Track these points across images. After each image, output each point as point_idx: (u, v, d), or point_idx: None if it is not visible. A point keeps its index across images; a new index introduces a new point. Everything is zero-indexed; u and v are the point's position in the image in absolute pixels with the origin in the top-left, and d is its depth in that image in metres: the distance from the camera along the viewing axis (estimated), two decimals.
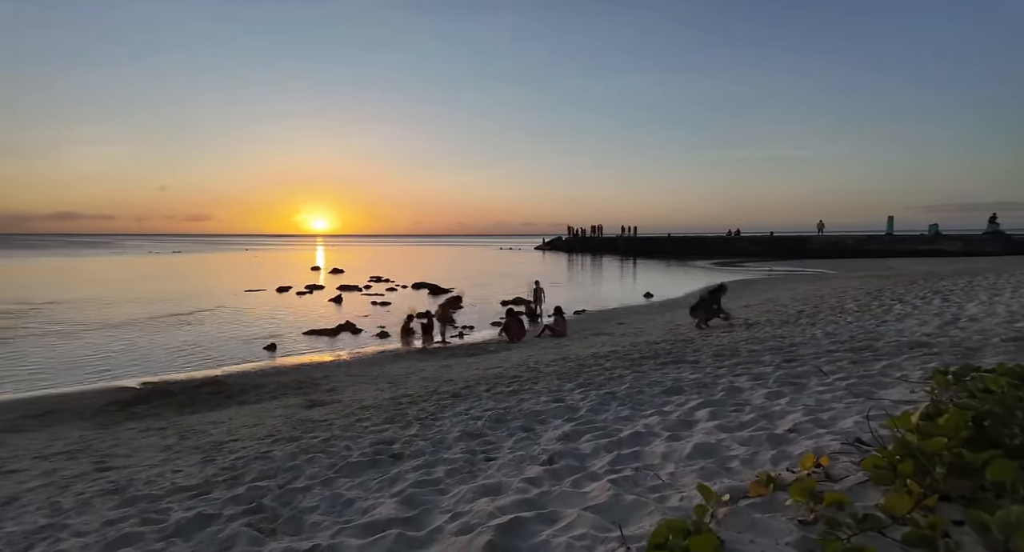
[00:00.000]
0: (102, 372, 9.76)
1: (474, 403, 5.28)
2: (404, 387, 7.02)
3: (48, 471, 4.44)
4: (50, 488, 3.92)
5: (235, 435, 5.11)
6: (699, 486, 1.67)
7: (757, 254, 44.85)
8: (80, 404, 7.51)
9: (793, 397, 3.87)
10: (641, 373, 5.75)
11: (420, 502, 2.71)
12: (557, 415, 4.28)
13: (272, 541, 2.50)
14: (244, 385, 8.33)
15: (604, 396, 4.73)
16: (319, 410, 6.09)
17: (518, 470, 3.03)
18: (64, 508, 3.39)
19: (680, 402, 4.19)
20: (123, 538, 2.72)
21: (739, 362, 5.69)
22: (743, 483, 1.99)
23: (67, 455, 4.98)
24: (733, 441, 2.96)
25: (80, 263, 45.89)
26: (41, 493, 3.81)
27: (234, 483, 3.51)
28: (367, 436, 4.42)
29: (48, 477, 4.24)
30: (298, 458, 3.94)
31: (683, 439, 3.16)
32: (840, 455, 1.98)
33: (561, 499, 2.42)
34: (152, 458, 4.55)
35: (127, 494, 3.52)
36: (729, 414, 3.63)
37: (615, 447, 3.19)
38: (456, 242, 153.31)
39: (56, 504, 3.48)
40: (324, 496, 3.05)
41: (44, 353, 11.25)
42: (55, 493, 3.76)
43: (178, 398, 7.65)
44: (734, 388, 4.42)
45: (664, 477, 2.53)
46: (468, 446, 3.72)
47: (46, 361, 10.58)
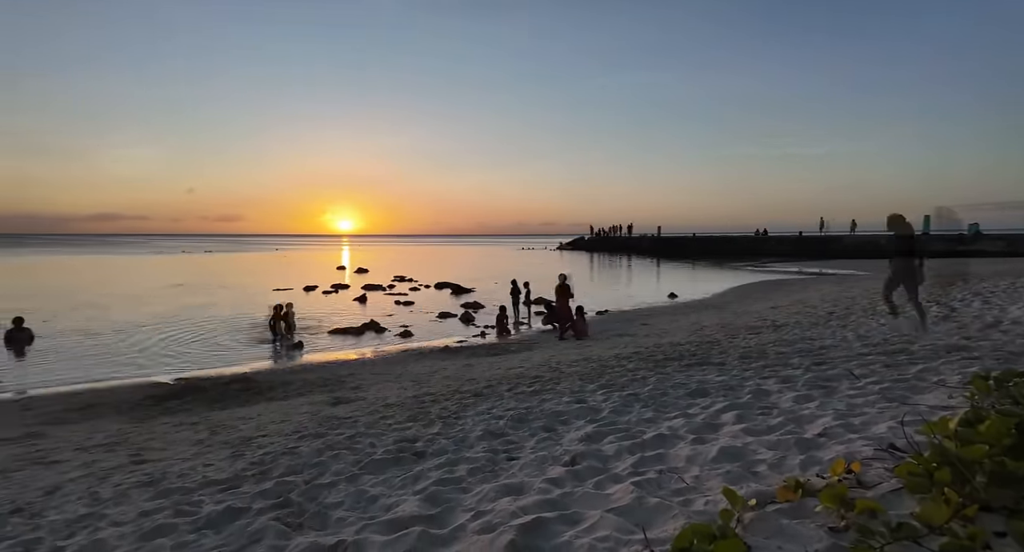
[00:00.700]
0: (138, 368, 10.12)
1: (496, 402, 5.29)
2: (427, 386, 7.09)
3: (88, 462, 4.62)
4: (90, 479, 4.07)
5: (263, 431, 5.23)
6: (725, 490, 1.64)
7: (785, 254, 43.81)
8: (118, 398, 7.79)
9: (823, 401, 3.77)
10: (665, 375, 5.67)
11: (443, 500, 2.73)
12: (579, 416, 4.26)
13: (299, 535, 2.55)
14: (272, 382, 8.53)
15: (627, 397, 4.68)
16: (344, 407, 6.19)
17: (540, 470, 3.02)
18: (103, 498, 3.52)
19: (705, 404, 4.12)
20: (158, 529, 2.81)
21: (766, 364, 5.57)
22: (770, 488, 1.95)
23: (106, 447, 5.18)
24: (760, 445, 2.90)
25: (118, 262, 47.64)
26: (81, 483, 3.96)
27: (262, 478, 3.59)
28: (391, 434, 4.47)
29: (88, 468, 4.42)
30: (324, 454, 4.01)
31: (708, 442, 3.11)
32: (872, 461, 1.92)
33: (584, 500, 2.41)
34: (185, 452, 4.69)
35: (161, 486, 3.63)
36: (756, 417, 3.56)
37: (638, 449, 3.15)
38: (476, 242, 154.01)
39: (95, 494, 3.62)
40: (349, 492, 3.09)
41: (85, 349, 11.71)
42: (94, 484, 3.91)
43: (209, 394, 7.87)
44: (761, 391, 4.32)
45: (689, 480, 2.49)
46: (490, 445, 3.74)
47: (87, 356, 11.02)
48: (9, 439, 5.88)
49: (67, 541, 2.80)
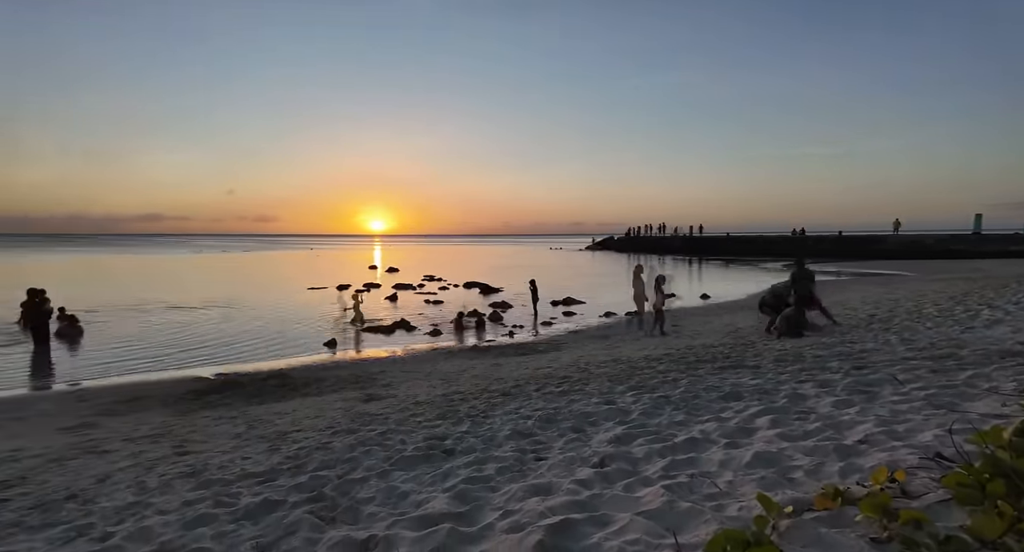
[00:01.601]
0: (182, 363, 10.55)
1: (524, 402, 5.30)
2: (456, 384, 7.15)
3: (135, 453, 4.85)
4: (137, 469, 4.27)
5: (298, 426, 5.38)
6: (759, 496, 1.60)
7: (824, 255, 42.34)
8: (163, 392, 8.14)
9: (864, 406, 3.63)
10: (697, 377, 5.57)
11: (472, 498, 2.75)
12: (608, 417, 4.22)
13: (332, 529, 2.61)
14: (307, 378, 8.75)
15: (657, 400, 4.62)
16: (375, 404, 6.30)
17: (568, 471, 3.01)
18: (149, 487, 3.68)
19: (739, 408, 4.02)
20: (199, 518, 2.93)
21: (803, 368, 5.40)
22: (807, 495, 1.89)
23: (151, 439, 5.42)
24: (796, 451, 2.81)
25: (164, 261, 49.74)
26: (129, 472, 4.16)
27: (297, 472, 3.69)
28: (420, 431, 4.53)
29: (135, 458, 4.63)
30: (356, 450, 4.09)
31: (742, 447, 3.03)
32: (918, 470, 1.84)
33: (613, 502, 2.39)
34: (224, 445, 4.87)
35: (202, 477, 3.78)
36: (792, 422, 3.46)
37: (669, 452, 3.11)
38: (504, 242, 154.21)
39: (142, 483, 3.79)
40: (380, 488, 3.15)
41: (134, 344, 12.28)
42: (141, 473, 4.10)
43: (247, 389, 8.14)
44: (798, 395, 4.19)
45: (721, 485, 2.44)
46: (518, 445, 3.74)
47: (136, 351, 11.55)
48: (66, 428, 6.23)
49: (117, 527, 2.94)
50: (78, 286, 25.04)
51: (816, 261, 38.52)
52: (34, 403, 7.76)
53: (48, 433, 6.05)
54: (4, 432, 6.21)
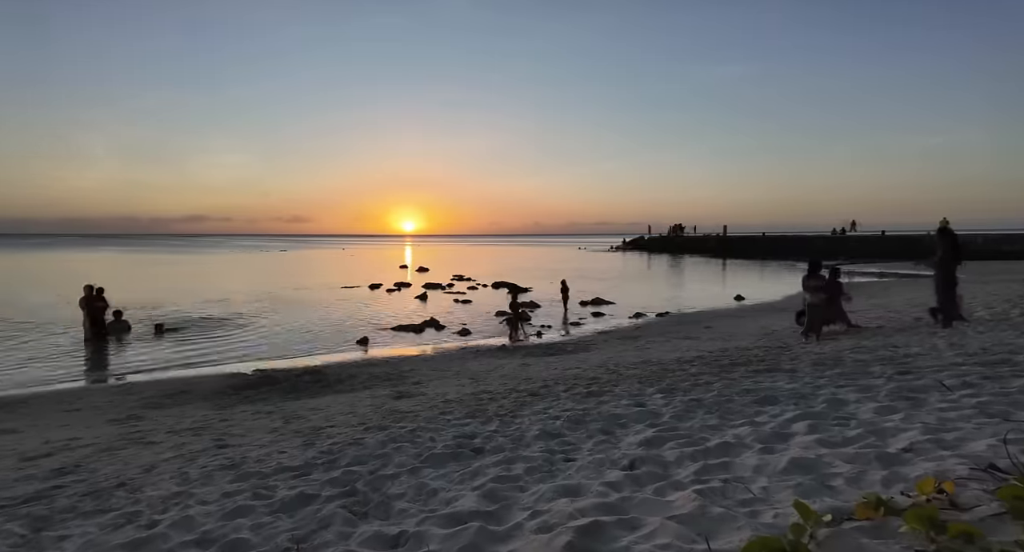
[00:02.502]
0: (221, 359, 10.95)
1: (552, 403, 5.28)
2: (484, 383, 7.19)
3: (179, 444, 5.06)
4: (180, 460, 4.45)
5: (332, 421, 5.51)
6: (796, 503, 1.55)
7: (867, 255, 40.74)
8: (204, 387, 8.47)
9: (909, 413, 3.48)
10: (731, 380, 5.44)
11: (500, 497, 2.76)
12: (638, 420, 4.17)
13: (364, 524, 2.66)
14: (340, 375, 8.95)
15: (689, 403, 4.53)
16: (406, 401, 6.40)
17: (598, 473, 2.99)
18: (191, 478, 3.84)
19: (774, 413, 3.91)
20: (238, 509, 3.03)
21: (843, 372, 5.21)
22: (848, 504, 1.83)
23: (193, 431, 5.64)
24: (836, 458, 2.72)
25: (207, 260, 51.69)
26: (173, 463, 4.34)
27: (331, 466, 3.78)
28: (450, 429, 4.57)
29: (178, 450, 4.83)
30: (387, 446, 4.16)
31: (778, 452, 2.95)
32: (968, 481, 1.75)
33: (643, 506, 2.36)
34: (261, 439, 5.02)
35: (241, 470, 3.91)
36: (831, 428, 3.34)
37: (701, 456, 3.05)
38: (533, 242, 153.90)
39: (185, 474, 3.95)
40: (411, 484, 3.19)
41: (177, 340, 12.81)
42: (184, 464, 4.27)
43: (283, 385, 8.38)
44: (837, 400, 4.05)
45: (756, 491, 2.38)
46: (547, 445, 3.73)
47: (178, 347, 12.05)
48: (116, 420, 6.55)
49: (162, 515, 3.08)
50: (124, 284, 26.25)
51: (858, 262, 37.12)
52: (87, 396, 8.18)
53: (99, 424, 6.38)
54: (60, 422, 6.58)
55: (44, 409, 7.39)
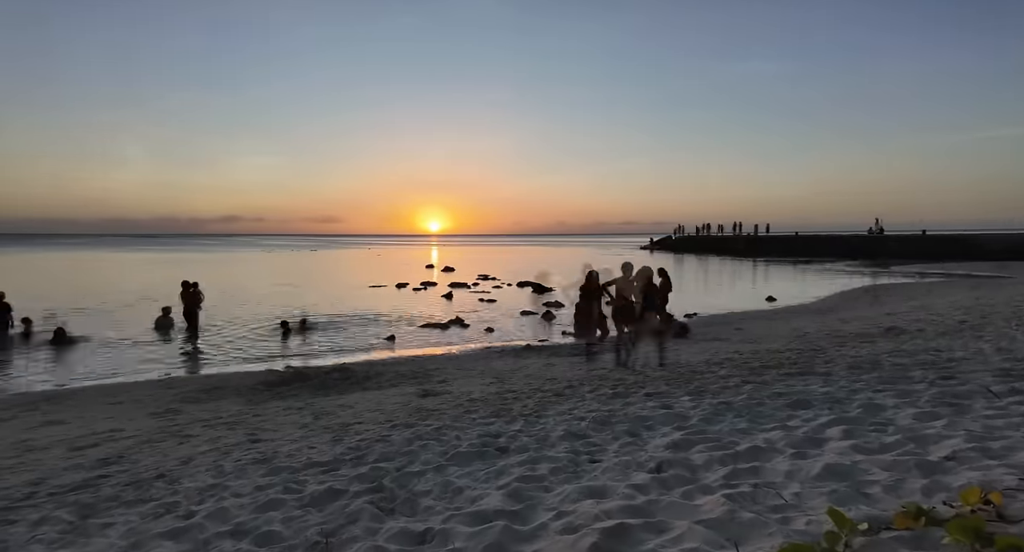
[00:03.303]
0: (254, 356, 11.26)
1: (577, 403, 5.26)
2: (509, 383, 7.20)
3: (214, 438, 5.22)
4: (215, 453, 4.60)
5: (360, 418, 5.60)
6: (830, 510, 1.51)
7: (905, 255, 39.20)
8: (238, 383, 8.72)
9: (952, 420, 3.33)
10: (762, 383, 5.31)
11: (525, 497, 2.77)
12: (665, 422, 4.11)
13: (390, 520, 2.70)
14: (367, 372, 9.10)
15: (718, 406, 4.45)
16: (431, 400, 6.46)
17: (624, 475, 2.96)
18: (225, 471, 3.96)
19: (807, 417, 3.80)
20: (270, 503, 3.11)
21: (881, 377, 5.03)
22: (885, 513, 1.77)
23: (227, 426, 5.82)
24: (873, 464, 2.63)
25: (240, 259, 53.23)
26: (209, 456, 4.49)
27: (359, 462, 3.85)
28: (475, 428, 4.60)
29: (214, 443, 4.99)
30: (413, 444, 4.21)
31: (811, 458, 2.87)
32: (1017, 492, 1.67)
33: (670, 509, 2.33)
34: (292, 434, 5.15)
35: (272, 464, 4.01)
36: (868, 434, 3.23)
37: (730, 460, 2.99)
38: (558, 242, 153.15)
39: (220, 467, 4.08)
40: (436, 482, 3.23)
41: (214, 337, 13.24)
42: (219, 458, 4.41)
43: (313, 382, 8.56)
44: (874, 405, 3.91)
45: (787, 497, 2.32)
46: (572, 446, 3.72)
47: (215, 344, 12.45)
48: (155, 413, 6.81)
49: (199, 506, 3.19)
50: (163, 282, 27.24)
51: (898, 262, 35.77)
52: (129, 389, 8.53)
53: (141, 417, 6.64)
54: (105, 414, 6.88)
55: (90, 401, 7.73)
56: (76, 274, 34.58)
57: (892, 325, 9.32)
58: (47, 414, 7.04)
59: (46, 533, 2.98)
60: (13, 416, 7.01)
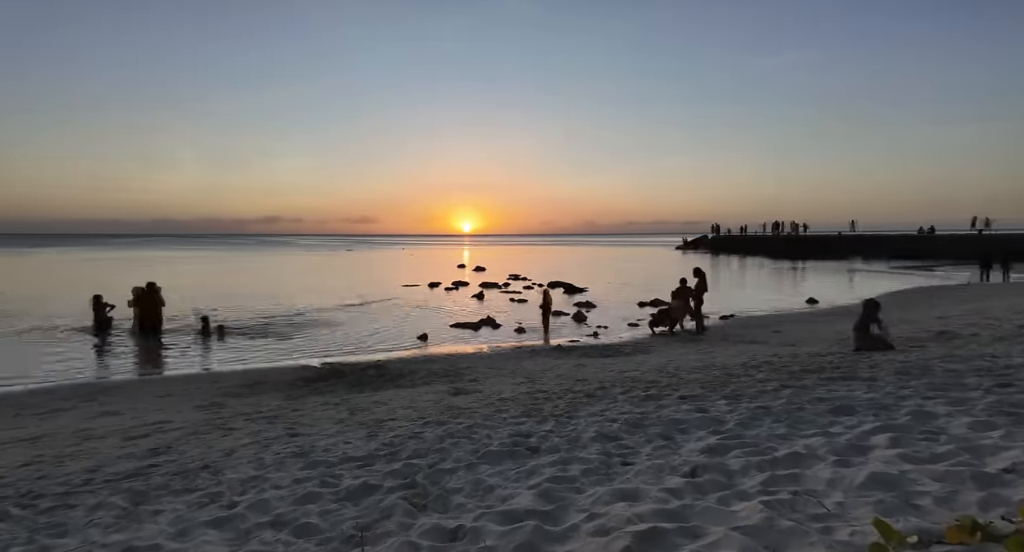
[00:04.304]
0: (292, 353, 11.62)
1: (609, 405, 5.20)
2: (540, 383, 7.19)
3: (255, 432, 5.41)
4: (256, 446, 4.77)
5: (393, 415, 5.70)
6: (876, 521, 1.45)
7: (959, 256, 37.14)
8: (278, 378, 9.02)
9: (1011, 430, 3.14)
10: (802, 388, 5.14)
11: (556, 497, 2.76)
12: (700, 426, 4.03)
13: (423, 516, 2.74)
14: (401, 370, 9.26)
15: (756, 410, 4.32)
16: (463, 398, 6.51)
17: (657, 478, 2.92)
18: (266, 464, 4.10)
19: (851, 424, 3.66)
20: (307, 496, 3.20)
21: (932, 383, 4.78)
22: (937, 526, 1.68)
23: (268, 420, 6.02)
24: (923, 475, 2.50)
25: (281, 260, 55.00)
26: (250, 449, 4.66)
27: (392, 458, 3.92)
28: (506, 427, 4.61)
29: (255, 437, 5.17)
30: (445, 441, 4.25)
31: (855, 466, 2.76)
32: None
33: (705, 514, 2.28)
34: (328, 429, 5.28)
35: (310, 458, 4.13)
36: (917, 443, 3.08)
37: (768, 466, 2.90)
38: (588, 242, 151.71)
39: (260, 460, 4.23)
40: (468, 480, 3.25)
41: (253, 335, 13.72)
42: (259, 450, 4.57)
43: (348, 378, 8.77)
44: (924, 413, 3.73)
45: (830, 506, 2.24)
46: (604, 448, 3.68)
47: (256, 341, 12.90)
48: (201, 406, 7.12)
49: (241, 497, 3.31)
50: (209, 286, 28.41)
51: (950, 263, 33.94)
52: (175, 383, 8.94)
53: (187, 410, 6.95)
54: (155, 406, 7.23)
55: (142, 394, 8.14)
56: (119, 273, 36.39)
57: (944, 329, 8.86)
58: (104, 405, 7.46)
59: (102, 518, 3.15)
60: (73, 406, 7.45)
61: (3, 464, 4.71)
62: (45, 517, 3.27)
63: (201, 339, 13.08)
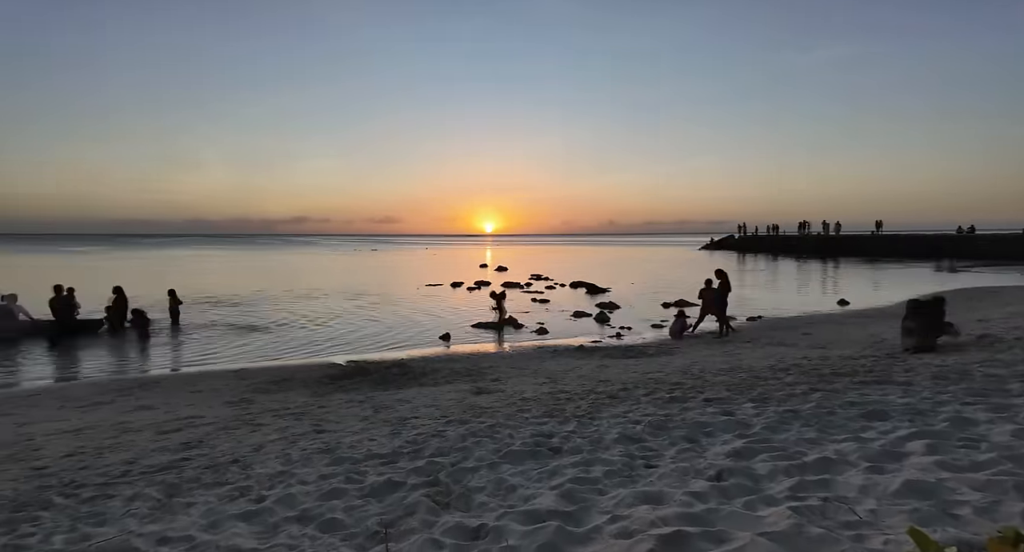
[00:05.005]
0: (320, 350, 11.84)
1: (632, 406, 5.15)
2: (562, 383, 7.16)
3: (282, 428, 5.53)
4: (283, 442, 4.87)
5: (416, 413, 5.76)
6: (911, 530, 1.39)
7: (1001, 256, 35.60)
8: (305, 375, 9.20)
9: None
10: (832, 392, 5.00)
11: (579, 498, 2.75)
12: (726, 429, 3.96)
13: (446, 514, 2.76)
14: (424, 368, 9.34)
15: (784, 414, 4.23)
16: (485, 397, 6.54)
17: (681, 482, 2.88)
18: (293, 459, 4.19)
19: (884, 429, 3.55)
20: (333, 491, 3.26)
21: (971, 388, 4.60)
22: (978, 537, 1.62)
23: (295, 416, 6.15)
24: (962, 483, 2.41)
25: (308, 259, 56.08)
26: (278, 444, 4.76)
27: (416, 456, 3.96)
28: (527, 427, 4.61)
29: (282, 433, 5.29)
30: (467, 440, 4.28)
31: (888, 473, 2.67)
32: None
33: (731, 519, 2.24)
34: (353, 426, 5.37)
35: (336, 454, 4.20)
36: (956, 450, 2.97)
37: (797, 471, 2.83)
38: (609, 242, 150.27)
39: (287, 455, 4.32)
40: (490, 479, 3.26)
41: (283, 333, 14.04)
42: (287, 446, 4.67)
43: (373, 376, 8.89)
44: (963, 419, 3.59)
45: (861, 513, 2.18)
46: (626, 450, 3.65)
47: (284, 339, 13.19)
48: (231, 402, 7.31)
49: (269, 491, 3.39)
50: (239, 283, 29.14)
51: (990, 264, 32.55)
52: (206, 379, 9.20)
53: (218, 405, 7.15)
54: (187, 402, 7.46)
55: (174, 389, 8.41)
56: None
57: (985, 332, 8.50)
58: (140, 399, 7.73)
59: (138, 508, 3.27)
60: (111, 400, 7.74)
61: (49, 454, 4.92)
62: (86, 506, 3.41)
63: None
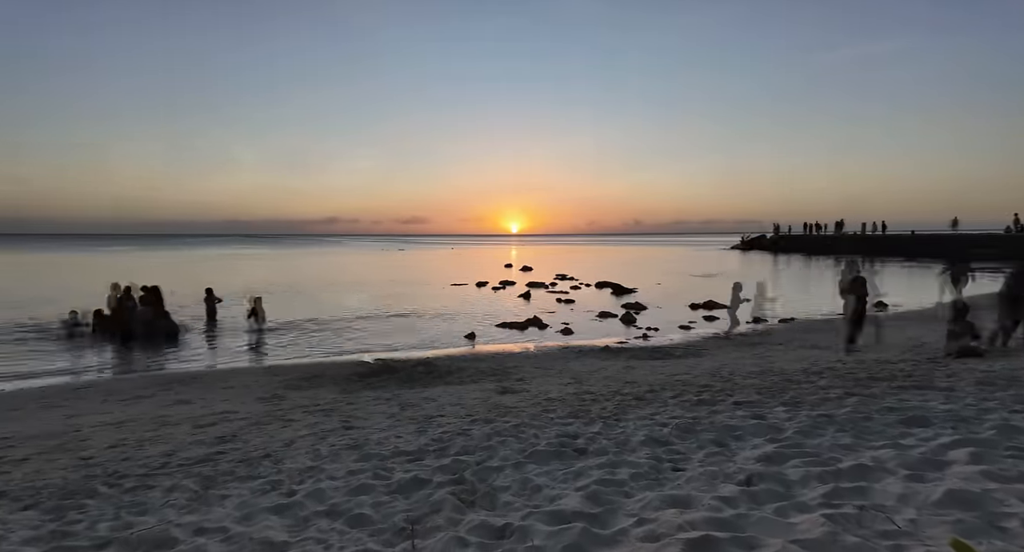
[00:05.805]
0: (348, 348, 12.07)
1: (659, 409, 5.09)
2: (587, 384, 7.12)
3: (312, 424, 5.66)
4: (313, 437, 4.98)
5: (442, 411, 5.81)
6: (954, 542, 1.34)
7: None
8: (334, 372, 9.39)
9: None
10: (869, 396, 4.83)
11: (605, 500, 2.73)
12: (756, 433, 3.87)
13: (471, 512, 2.78)
14: (449, 367, 9.42)
15: (818, 418, 4.10)
16: (510, 397, 6.55)
17: (710, 486, 2.82)
18: (322, 455, 4.28)
19: (925, 436, 3.41)
20: (360, 487, 3.32)
21: (1020, 395, 4.38)
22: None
23: (324, 412, 6.28)
24: (1009, 494, 2.30)
25: (337, 258, 57.22)
26: (308, 440, 4.87)
27: (441, 454, 4.00)
28: (553, 427, 4.60)
29: (312, 429, 5.41)
30: (492, 439, 4.29)
31: (930, 481, 2.57)
32: None
33: (761, 525, 2.19)
34: (381, 423, 5.45)
35: (363, 451, 4.27)
36: (1003, 460, 2.83)
37: (831, 478, 2.75)
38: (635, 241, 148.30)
39: (317, 451, 4.42)
40: (515, 478, 3.27)
41: (312, 330, 14.36)
42: (316, 442, 4.77)
43: (400, 374, 9.02)
44: (1011, 427, 3.42)
45: (900, 523, 2.10)
46: (653, 452, 3.61)
47: (313, 336, 13.49)
48: (263, 398, 7.52)
49: (299, 486, 3.47)
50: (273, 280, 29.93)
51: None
52: (239, 375, 9.48)
53: (250, 401, 7.36)
54: (221, 397, 7.70)
55: (210, 385, 8.69)
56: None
57: None
58: (178, 394, 8.02)
59: (176, 499, 3.39)
60: (152, 394, 8.06)
61: (94, 445, 5.16)
62: (128, 496, 3.55)
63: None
